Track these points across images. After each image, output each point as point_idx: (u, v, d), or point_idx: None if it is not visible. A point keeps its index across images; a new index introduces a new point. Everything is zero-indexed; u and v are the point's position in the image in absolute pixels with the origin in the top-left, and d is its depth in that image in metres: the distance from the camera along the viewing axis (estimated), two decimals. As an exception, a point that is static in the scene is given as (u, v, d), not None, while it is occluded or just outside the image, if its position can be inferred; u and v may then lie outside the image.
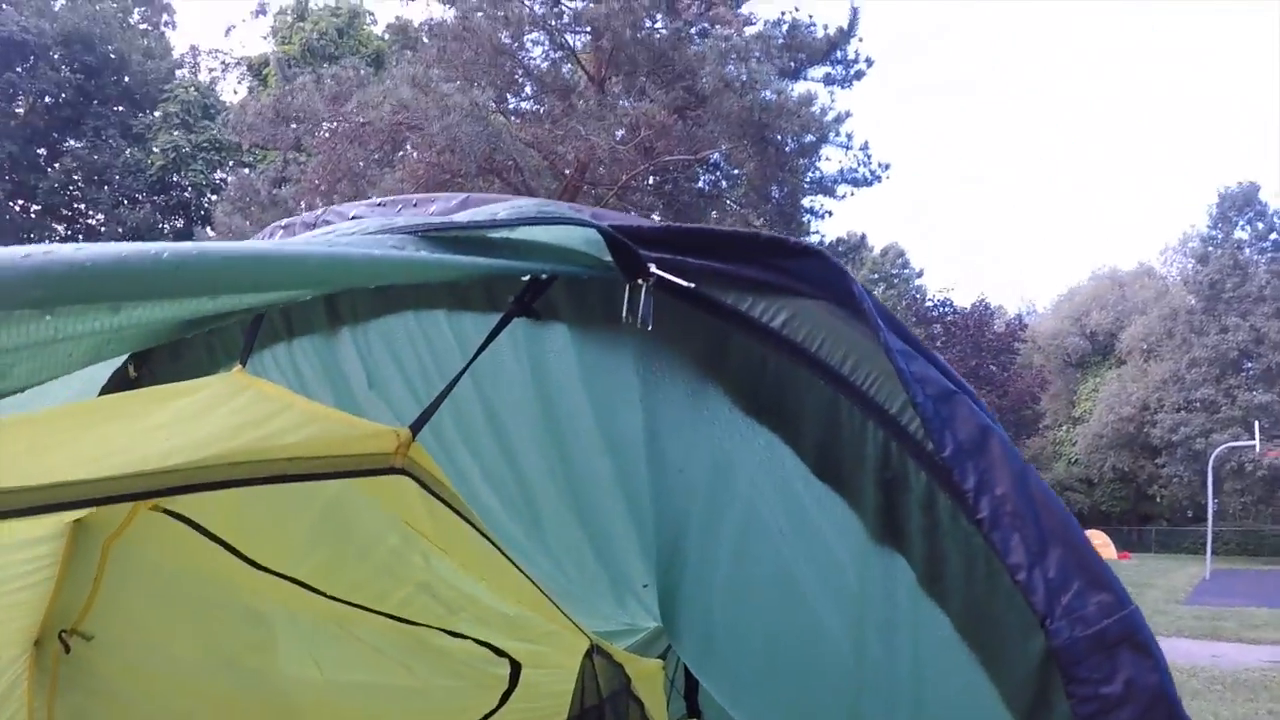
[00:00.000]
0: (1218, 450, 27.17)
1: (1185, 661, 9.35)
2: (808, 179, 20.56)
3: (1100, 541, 32.17)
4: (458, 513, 1.58)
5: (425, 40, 18.27)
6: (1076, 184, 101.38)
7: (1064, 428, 42.72)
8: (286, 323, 2.07)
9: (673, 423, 1.34)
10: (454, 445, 2.02)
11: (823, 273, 1.12)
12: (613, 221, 1.12)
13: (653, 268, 1.10)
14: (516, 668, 2.75)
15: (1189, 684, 7.98)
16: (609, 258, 1.10)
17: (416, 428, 1.36)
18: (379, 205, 1.37)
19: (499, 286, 1.36)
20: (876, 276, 38.98)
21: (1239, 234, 34.87)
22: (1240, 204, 34.94)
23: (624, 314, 1.11)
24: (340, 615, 2.40)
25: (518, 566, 1.89)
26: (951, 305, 26.80)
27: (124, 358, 2.32)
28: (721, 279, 1.13)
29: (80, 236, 32.52)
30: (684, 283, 1.10)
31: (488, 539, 1.72)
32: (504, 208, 1.20)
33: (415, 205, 1.29)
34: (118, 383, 2.29)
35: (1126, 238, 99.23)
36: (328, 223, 1.48)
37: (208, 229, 30.18)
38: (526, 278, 1.22)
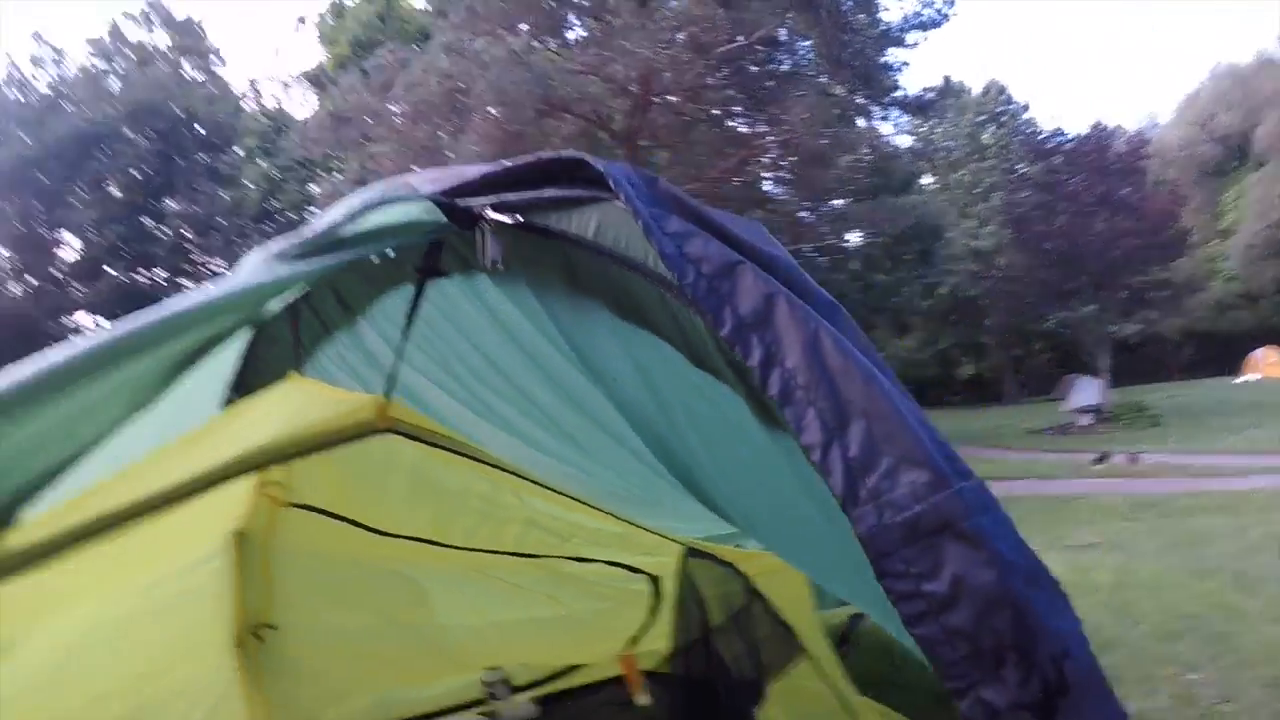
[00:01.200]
0: (1387, 242, 24.07)
1: (1379, 473, 8.58)
2: (876, 34, 19.43)
3: (1274, 359, 29.88)
4: (453, 450, 1.97)
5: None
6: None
7: (1213, 243, 38.98)
8: (322, 324, 2.29)
9: (585, 340, 1.38)
10: (487, 397, 2.19)
11: (593, 174, 1.11)
12: (450, 182, 1.21)
13: (489, 212, 1.15)
14: (655, 581, 2.90)
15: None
16: (444, 219, 1.18)
17: (388, 392, 1.63)
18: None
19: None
20: (984, 117, 36.12)
21: (1364, -2, 29.92)
22: (1361, -35, 29.98)
23: (479, 261, 1.18)
24: (475, 562, 2.61)
25: (549, 487, 2.24)
26: (1065, 134, 24.88)
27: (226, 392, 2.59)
28: (541, 205, 1.17)
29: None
30: (508, 219, 1.16)
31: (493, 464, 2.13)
32: (340, 207, 1.30)
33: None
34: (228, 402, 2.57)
35: (1239, 29, 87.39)
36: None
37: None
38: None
